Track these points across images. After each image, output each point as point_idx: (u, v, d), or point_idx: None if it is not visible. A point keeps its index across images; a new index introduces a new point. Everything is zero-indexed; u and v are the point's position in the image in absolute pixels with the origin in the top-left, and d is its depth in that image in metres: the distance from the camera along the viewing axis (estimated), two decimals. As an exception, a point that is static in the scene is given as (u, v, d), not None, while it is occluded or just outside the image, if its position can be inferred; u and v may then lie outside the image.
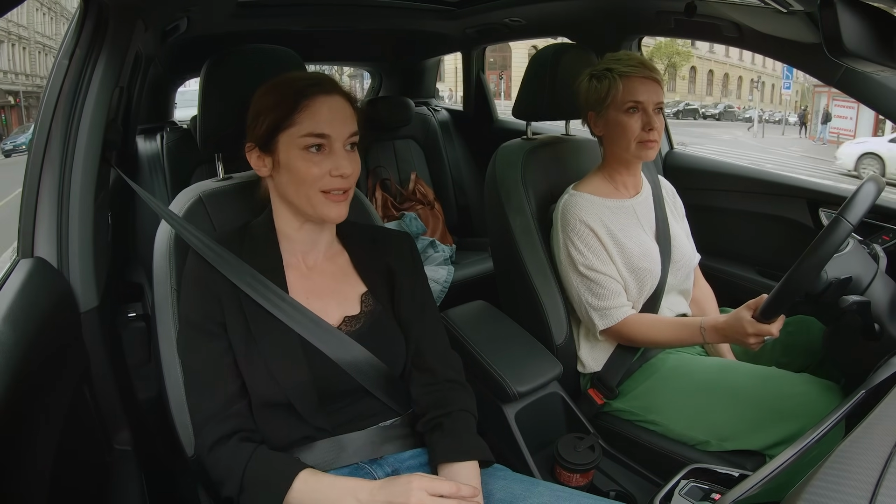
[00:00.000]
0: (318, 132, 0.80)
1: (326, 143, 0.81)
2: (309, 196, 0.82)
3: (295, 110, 0.80)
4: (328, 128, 0.80)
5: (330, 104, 0.81)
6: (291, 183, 0.82)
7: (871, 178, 0.93)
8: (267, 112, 0.82)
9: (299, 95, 0.80)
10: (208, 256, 0.84)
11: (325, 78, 0.84)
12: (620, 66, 1.16)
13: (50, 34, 22.98)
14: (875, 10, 0.76)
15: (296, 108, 0.80)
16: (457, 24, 2.15)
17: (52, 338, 0.85)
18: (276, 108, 0.81)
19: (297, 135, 0.80)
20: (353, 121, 0.84)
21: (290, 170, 0.82)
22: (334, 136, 0.81)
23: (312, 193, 0.81)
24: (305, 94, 0.80)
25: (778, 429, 1.00)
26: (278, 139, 0.82)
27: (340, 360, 0.83)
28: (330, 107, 0.81)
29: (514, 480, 0.85)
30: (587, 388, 1.27)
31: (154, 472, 1.11)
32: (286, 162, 0.82)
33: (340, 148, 0.82)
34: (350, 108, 0.84)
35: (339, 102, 0.83)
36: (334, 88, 0.83)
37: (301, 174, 0.81)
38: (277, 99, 0.81)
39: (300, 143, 0.80)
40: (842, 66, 1.15)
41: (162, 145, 2.03)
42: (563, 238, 1.22)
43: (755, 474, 0.59)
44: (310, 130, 0.80)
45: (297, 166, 0.81)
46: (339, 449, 0.83)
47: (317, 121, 0.80)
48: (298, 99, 0.80)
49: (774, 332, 0.99)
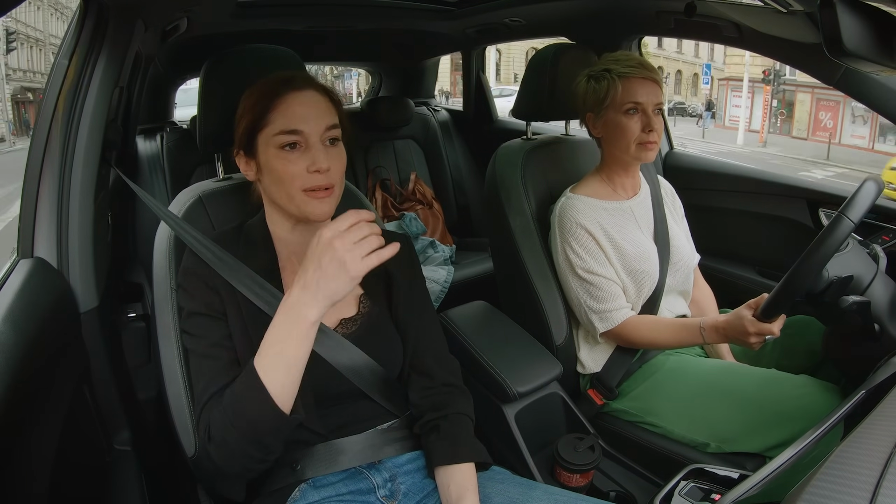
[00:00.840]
0: (290, 128, 0.79)
1: (301, 140, 0.80)
2: (291, 195, 0.81)
3: (268, 110, 0.80)
4: (301, 123, 0.79)
5: (301, 100, 0.80)
6: (273, 183, 0.82)
7: (871, 177, 0.93)
8: (243, 115, 0.82)
9: (272, 95, 0.80)
10: (206, 257, 0.83)
11: (296, 74, 0.83)
12: (619, 66, 1.15)
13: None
14: (875, 10, 0.76)
15: (269, 108, 0.80)
16: (457, 24, 2.15)
17: (52, 338, 0.85)
18: (251, 109, 0.81)
19: (271, 134, 0.80)
20: (330, 114, 0.82)
21: (269, 171, 0.81)
22: (308, 131, 0.80)
23: (294, 192, 0.80)
24: (277, 92, 0.80)
25: (777, 431, 1.00)
26: (257, 141, 0.81)
27: (337, 362, 0.82)
28: (301, 102, 0.80)
29: (511, 484, 0.85)
30: (587, 388, 1.27)
31: (154, 472, 1.11)
32: (265, 163, 0.81)
33: (317, 142, 0.80)
34: (326, 102, 0.83)
35: (312, 97, 0.81)
36: (307, 84, 0.82)
37: (279, 173, 0.80)
38: (253, 101, 0.81)
39: (275, 143, 0.80)
40: (842, 66, 1.15)
41: (162, 145, 2.03)
42: (560, 241, 1.22)
43: (755, 475, 0.59)
44: (282, 128, 0.79)
45: (275, 166, 0.80)
46: (337, 452, 0.82)
47: (288, 117, 0.79)
48: (271, 98, 0.80)
49: (776, 331, 0.99)
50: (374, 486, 0.82)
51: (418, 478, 0.86)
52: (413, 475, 0.86)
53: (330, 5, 1.86)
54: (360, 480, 0.82)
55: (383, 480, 0.83)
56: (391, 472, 0.85)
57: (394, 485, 0.84)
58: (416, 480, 0.85)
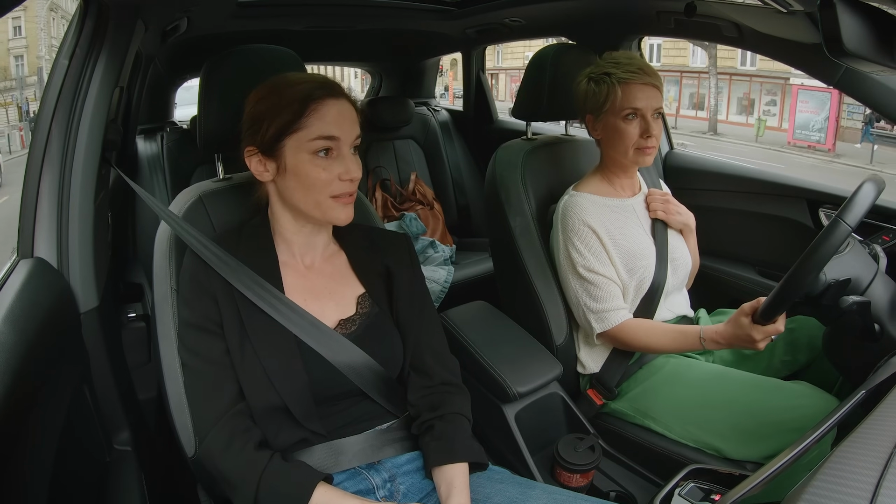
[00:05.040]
0: (328, 134, 0.80)
1: (335, 147, 0.81)
2: (318, 201, 0.81)
3: (303, 114, 0.79)
4: (337, 130, 0.80)
5: (338, 108, 0.81)
6: (299, 188, 0.82)
7: (871, 178, 0.92)
8: (271, 117, 0.81)
9: (307, 99, 0.79)
10: (206, 257, 0.83)
11: (331, 81, 0.84)
12: (619, 71, 1.15)
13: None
14: (875, 10, 0.75)
15: (303, 112, 0.79)
16: (457, 24, 2.15)
17: (52, 338, 0.85)
18: (281, 112, 0.80)
19: (306, 139, 0.79)
20: (357, 124, 0.84)
21: (297, 175, 0.81)
22: (343, 139, 0.81)
23: (322, 198, 0.81)
24: (313, 96, 0.80)
25: (774, 441, 1.00)
26: (284, 144, 0.81)
27: (337, 362, 0.82)
28: (339, 110, 0.81)
29: (510, 484, 0.85)
30: (586, 388, 1.27)
31: (154, 472, 1.11)
32: (294, 167, 0.81)
33: (348, 151, 0.82)
34: (353, 112, 0.84)
35: (346, 106, 0.83)
36: (341, 93, 0.83)
37: (310, 179, 0.80)
38: (281, 103, 0.80)
39: (309, 148, 0.80)
40: (842, 66, 1.15)
41: (162, 145, 2.03)
42: (563, 240, 1.22)
43: (755, 474, 0.59)
44: (320, 133, 0.79)
45: (307, 171, 0.80)
46: (337, 453, 0.82)
47: (327, 123, 0.80)
48: (306, 102, 0.79)
49: (781, 328, 0.99)
50: (374, 487, 0.82)
51: (417, 478, 0.86)
52: (412, 475, 0.86)
53: (330, 5, 1.86)
54: (360, 481, 0.82)
55: (382, 481, 0.83)
56: (390, 473, 0.85)
57: (393, 485, 0.84)
58: (416, 481, 0.85)
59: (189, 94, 2.68)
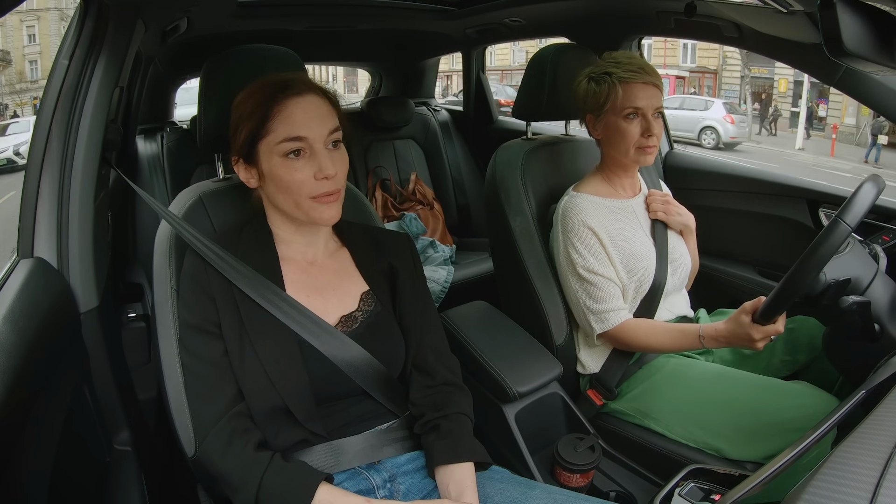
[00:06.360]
0: (293, 136, 0.78)
1: (305, 146, 0.79)
2: (298, 203, 0.81)
3: (268, 118, 0.78)
4: (303, 129, 0.78)
5: (303, 105, 0.79)
6: (279, 192, 0.81)
7: (871, 178, 0.92)
8: (243, 124, 0.80)
9: (270, 101, 0.78)
10: (206, 256, 0.83)
11: (293, 78, 0.82)
12: (620, 70, 1.15)
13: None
14: (875, 10, 0.75)
15: (268, 116, 0.78)
16: (457, 24, 2.15)
17: (52, 338, 0.85)
18: (250, 117, 0.79)
19: (274, 142, 0.79)
20: (331, 117, 0.81)
21: (274, 179, 0.80)
22: (312, 137, 0.79)
23: (301, 200, 0.80)
24: (276, 99, 0.78)
25: (774, 441, 1.00)
26: (258, 149, 0.80)
27: (338, 360, 0.82)
28: (303, 108, 0.79)
29: (511, 483, 0.85)
30: (586, 388, 1.27)
31: (154, 472, 1.11)
32: (269, 172, 0.80)
33: (321, 148, 0.80)
34: (326, 105, 0.82)
35: (312, 101, 0.80)
36: (306, 88, 0.81)
37: (285, 182, 0.79)
38: (251, 108, 0.80)
39: (278, 151, 0.79)
40: (842, 66, 1.15)
41: (162, 145, 2.03)
42: (563, 240, 1.22)
43: (755, 474, 0.59)
44: (285, 136, 0.78)
45: (280, 175, 0.79)
46: (338, 453, 0.82)
47: (290, 124, 0.78)
48: (270, 105, 0.78)
49: (780, 328, 0.99)
50: (374, 487, 0.82)
51: (417, 478, 0.86)
52: (412, 476, 0.86)
53: (330, 5, 1.86)
54: (360, 481, 0.82)
55: (383, 481, 0.83)
56: (391, 473, 0.84)
57: (393, 485, 0.84)
58: (416, 481, 0.85)
59: (189, 95, 2.69)
